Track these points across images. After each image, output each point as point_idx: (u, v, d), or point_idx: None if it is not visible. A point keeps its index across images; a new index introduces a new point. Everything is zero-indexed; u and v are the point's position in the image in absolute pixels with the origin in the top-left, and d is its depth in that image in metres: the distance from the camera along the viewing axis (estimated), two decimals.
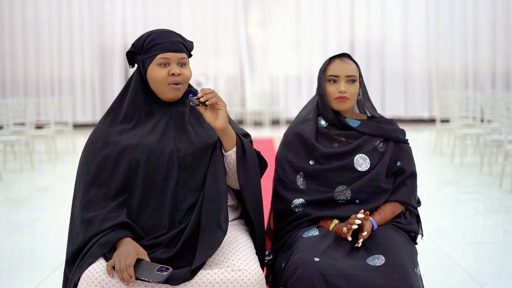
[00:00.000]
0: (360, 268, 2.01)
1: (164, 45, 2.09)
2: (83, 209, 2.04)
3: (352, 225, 2.13)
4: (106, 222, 1.98)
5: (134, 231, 2.02)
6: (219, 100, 2.04)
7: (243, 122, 13.42)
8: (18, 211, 5.42)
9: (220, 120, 2.04)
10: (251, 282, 1.92)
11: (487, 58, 13.35)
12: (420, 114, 13.53)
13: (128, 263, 1.86)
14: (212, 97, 2.02)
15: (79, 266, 1.94)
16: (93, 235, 1.98)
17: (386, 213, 2.26)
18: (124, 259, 1.87)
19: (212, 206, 2.03)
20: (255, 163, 2.16)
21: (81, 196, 2.07)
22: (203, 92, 2.03)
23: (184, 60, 2.12)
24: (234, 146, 2.12)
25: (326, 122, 2.38)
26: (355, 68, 2.33)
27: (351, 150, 2.30)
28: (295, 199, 2.27)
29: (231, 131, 2.11)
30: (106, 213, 2.00)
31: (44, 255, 3.97)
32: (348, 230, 2.14)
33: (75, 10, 13.40)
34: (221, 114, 2.04)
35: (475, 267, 3.63)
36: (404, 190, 2.31)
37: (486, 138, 6.92)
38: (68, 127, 9.36)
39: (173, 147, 2.08)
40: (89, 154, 2.12)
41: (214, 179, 2.08)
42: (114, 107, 2.18)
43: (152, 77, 2.10)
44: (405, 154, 2.36)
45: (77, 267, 1.95)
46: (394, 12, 13.47)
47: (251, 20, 13.67)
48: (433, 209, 5.19)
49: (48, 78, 13.48)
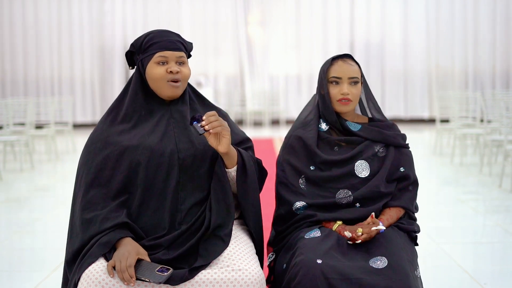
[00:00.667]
0: (362, 270, 2.00)
1: (162, 44, 2.09)
2: (83, 209, 2.04)
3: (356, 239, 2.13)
4: (106, 222, 1.98)
5: (134, 231, 2.02)
6: (224, 129, 2.03)
7: (243, 122, 13.43)
8: (18, 211, 5.42)
9: (223, 146, 2.04)
10: (251, 282, 1.92)
11: (487, 58, 13.35)
12: (420, 114, 13.53)
13: (128, 263, 1.86)
14: (217, 126, 2.01)
15: (79, 266, 1.94)
16: (93, 235, 1.98)
17: (392, 219, 2.28)
18: (125, 259, 1.87)
19: (218, 220, 2.05)
20: (254, 180, 2.16)
21: (81, 196, 2.06)
22: (208, 120, 2.01)
23: (183, 58, 2.12)
24: (235, 165, 2.13)
25: (327, 125, 2.37)
26: (357, 69, 2.32)
27: (352, 156, 2.30)
28: (297, 202, 2.27)
29: (233, 152, 2.11)
30: (106, 213, 2.00)
31: (44, 255, 3.97)
32: (352, 239, 2.14)
33: (75, 10, 13.40)
34: (225, 141, 2.04)
35: (475, 267, 3.63)
36: (407, 196, 2.32)
37: (486, 138, 6.92)
38: (68, 127, 9.36)
39: (173, 148, 2.08)
40: (89, 155, 2.12)
41: (223, 196, 2.08)
42: (114, 107, 2.18)
43: (151, 75, 2.10)
44: (407, 159, 2.35)
45: (77, 267, 1.95)
46: (394, 12, 13.47)
47: (251, 20, 13.67)
48: (433, 209, 5.19)
49: (48, 78, 13.48)
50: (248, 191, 2.14)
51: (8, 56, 13.40)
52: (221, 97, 13.51)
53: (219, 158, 2.11)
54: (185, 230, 2.02)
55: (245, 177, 2.13)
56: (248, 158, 2.16)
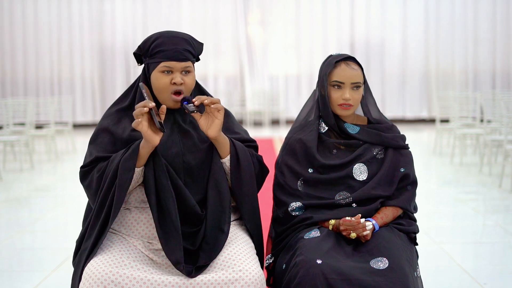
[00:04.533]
0: (363, 271, 2.00)
1: (168, 53, 2.05)
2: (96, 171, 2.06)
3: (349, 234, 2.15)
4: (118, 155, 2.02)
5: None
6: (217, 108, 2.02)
7: (243, 122, 13.43)
8: (18, 211, 5.42)
9: (213, 129, 2.03)
10: (251, 282, 1.92)
11: (487, 58, 13.36)
12: (419, 114, 13.53)
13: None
14: (204, 99, 2.00)
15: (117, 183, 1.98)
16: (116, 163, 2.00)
17: (388, 217, 2.26)
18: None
19: (215, 211, 2.06)
20: (250, 172, 2.15)
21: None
22: (199, 99, 2.01)
23: (188, 68, 2.09)
24: (228, 154, 2.12)
25: (326, 126, 2.36)
26: (360, 73, 2.30)
27: (350, 160, 2.29)
28: (292, 203, 2.27)
29: (224, 139, 2.10)
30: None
31: (44, 255, 3.97)
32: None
33: (75, 10, 13.40)
34: (216, 123, 2.03)
35: (475, 267, 3.63)
36: (405, 196, 2.30)
37: (486, 138, 6.92)
38: (68, 127, 9.36)
39: (178, 151, 2.08)
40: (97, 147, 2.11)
41: (216, 184, 2.09)
42: (118, 103, 2.18)
43: (155, 83, 2.08)
44: (407, 160, 2.34)
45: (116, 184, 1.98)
46: (394, 12, 13.48)
47: (251, 20, 13.67)
48: (433, 209, 5.19)
49: (48, 78, 13.48)
50: (242, 183, 2.13)
51: (8, 56, 13.40)
52: (221, 97, 13.51)
53: (215, 152, 2.11)
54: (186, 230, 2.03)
55: (239, 168, 2.12)
56: (242, 149, 2.16)
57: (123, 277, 1.91)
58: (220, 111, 2.03)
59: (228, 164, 2.12)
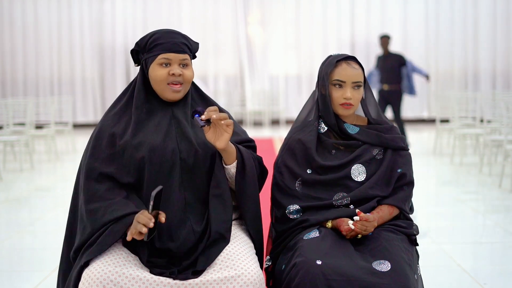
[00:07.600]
0: (364, 272, 1.99)
1: (166, 45, 2.09)
2: (89, 201, 2.04)
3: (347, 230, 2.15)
4: (116, 212, 1.99)
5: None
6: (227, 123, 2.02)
7: (243, 122, 13.42)
8: (18, 211, 5.43)
9: (222, 141, 2.04)
10: (251, 282, 1.92)
11: (487, 58, 13.35)
12: (419, 114, 13.53)
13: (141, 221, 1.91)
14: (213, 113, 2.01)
15: (88, 251, 1.97)
16: (104, 223, 1.99)
17: (383, 212, 2.25)
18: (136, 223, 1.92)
19: (218, 218, 2.06)
20: (253, 178, 2.16)
21: (86, 189, 2.07)
22: (208, 114, 2.01)
23: (186, 61, 2.12)
24: (235, 161, 2.12)
25: (326, 127, 2.36)
26: (361, 73, 2.30)
27: (349, 161, 2.29)
28: (290, 205, 2.26)
29: (231, 148, 2.11)
30: (115, 203, 2.01)
31: (44, 255, 3.97)
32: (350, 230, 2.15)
33: (75, 10, 13.40)
34: (225, 137, 2.04)
35: (475, 267, 3.63)
36: (400, 195, 2.29)
37: (486, 138, 6.92)
38: (68, 127, 9.36)
39: (175, 148, 2.08)
40: (94, 149, 2.11)
41: (219, 192, 2.09)
42: (118, 102, 2.19)
43: (153, 76, 2.10)
44: (405, 161, 2.33)
45: (85, 252, 1.99)
46: (394, 12, 13.47)
47: (251, 20, 13.67)
48: (433, 209, 5.19)
49: (48, 78, 13.48)
50: (246, 188, 2.14)
51: (8, 56, 13.40)
52: (221, 97, 13.51)
53: (218, 159, 2.11)
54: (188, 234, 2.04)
55: (244, 174, 2.13)
56: (247, 155, 2.16)
57: (122, 277, 1.91)
58: (230, 126, 2.03)
59: (234, 171, 2.12)
